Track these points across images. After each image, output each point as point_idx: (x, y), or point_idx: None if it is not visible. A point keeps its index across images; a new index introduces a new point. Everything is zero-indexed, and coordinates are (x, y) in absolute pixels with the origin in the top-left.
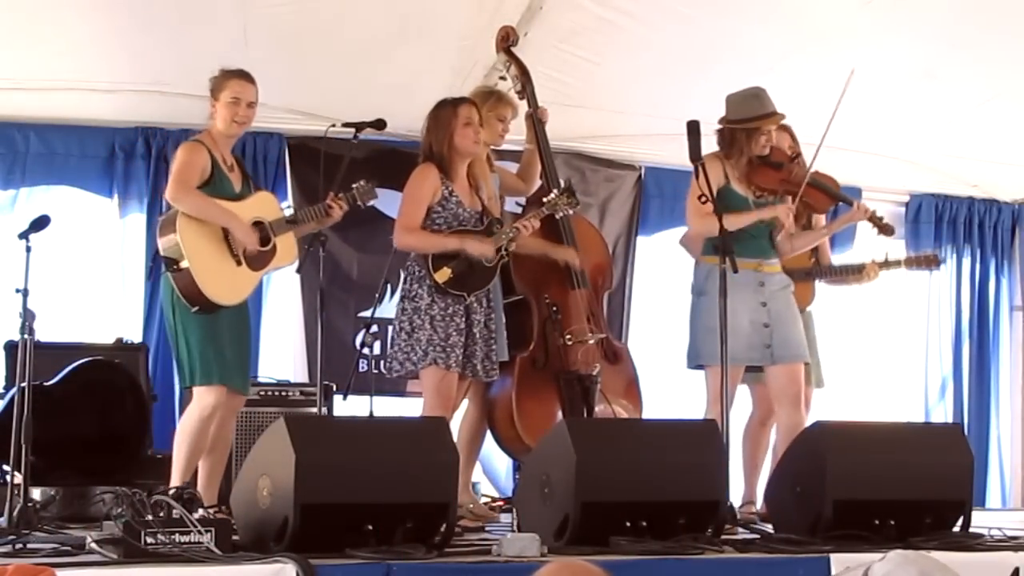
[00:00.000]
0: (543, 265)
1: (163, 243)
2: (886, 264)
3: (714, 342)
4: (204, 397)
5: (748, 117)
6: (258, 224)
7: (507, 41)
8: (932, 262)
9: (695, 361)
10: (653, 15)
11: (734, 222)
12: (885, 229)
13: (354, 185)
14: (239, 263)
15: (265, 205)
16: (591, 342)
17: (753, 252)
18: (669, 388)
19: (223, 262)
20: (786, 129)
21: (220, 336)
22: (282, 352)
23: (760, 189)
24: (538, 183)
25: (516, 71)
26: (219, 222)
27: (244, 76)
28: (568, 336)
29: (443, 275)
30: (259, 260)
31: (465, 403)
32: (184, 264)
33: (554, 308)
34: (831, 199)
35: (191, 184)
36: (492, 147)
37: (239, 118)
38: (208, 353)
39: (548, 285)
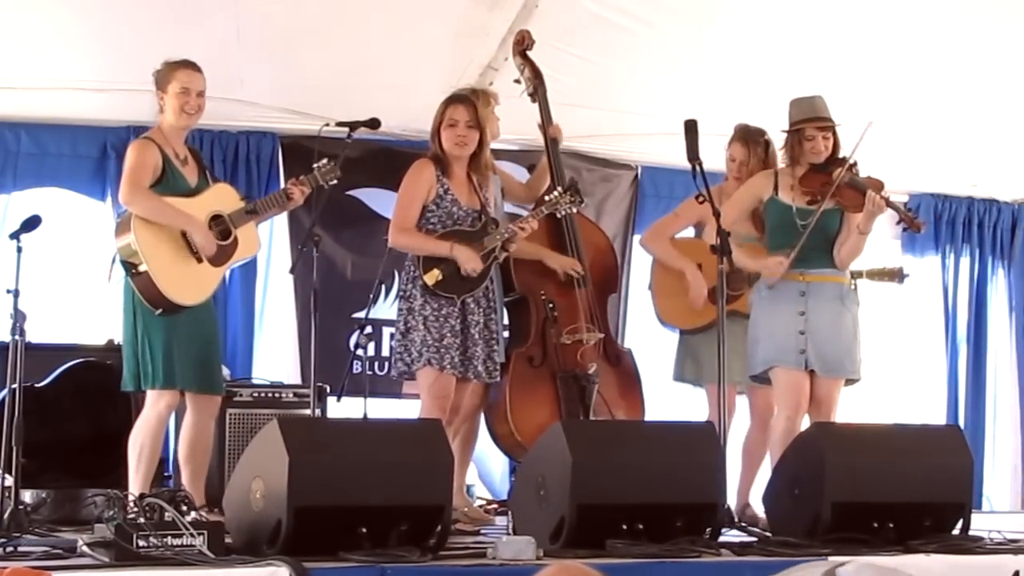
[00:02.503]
0: (542, 264)
1: (120, 246)
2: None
3: (755, 353)
4: (159, 401)
5: (792, 121)
6: (217, 218)
7: (522, 45)
8: (896, 275)
9: (752, 372)
10: (650, 13)
11: (736, 260)
12: (912, 224)
13: (315, 165)
14: (199, 260)
15: (223, 197)
16: (590, 342)
17: (795, 262)
18: (666, 391)
19: (183, 261)
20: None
21: (181, 338)
22: (276, 353)
23: (804, 194)
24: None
25: (530, 74)
26: (175, 225)
27: (191, 66)
28: (566, 335)
29: (432, 277)
30: (221, 255)
31: None
32: (143, 267)
33: (550, 306)
34: (862, 195)
35: (143, 184)
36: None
37: (189, 108)
38: (171, 356)
39: (546, 283)
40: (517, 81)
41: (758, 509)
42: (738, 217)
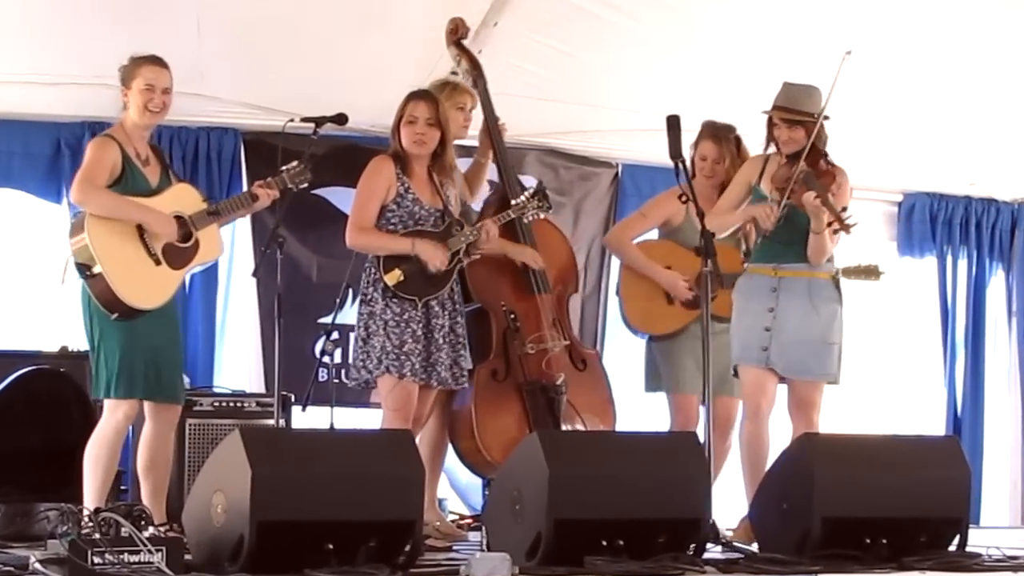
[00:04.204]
0: (498, 272)
1: (73, 247)
2: None
3: (732, 351)
4: (117, 411)
5: (773, 103)
6: (177, 219)
7: (456, 34)
8: (872, 273)
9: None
10: (632, 4)
11: (717, 224)
12: (842, 225)
13: (284, 168)
14: (158, 263)
15: (184, 198)
16: (556, 350)
17: (767, 256)
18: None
19: (140, 263)
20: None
21: (141, 345)
22: (239, 361)
23: (775, 188)
24: (483, 193)
25: (468, 65)
26: (132, 218)
27: (157, 61)
28: (530, 344)
29: (393, 277)
30: (180, 257)
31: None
32: (97, 269)
33: (512, 315)
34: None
35: (98, 183)
36: (456, 141)
37: (154, 105)
38: (128, 364)
39: (505, 292)
40: (455, 73)
41: (722, 524)
42: (731, 209)
